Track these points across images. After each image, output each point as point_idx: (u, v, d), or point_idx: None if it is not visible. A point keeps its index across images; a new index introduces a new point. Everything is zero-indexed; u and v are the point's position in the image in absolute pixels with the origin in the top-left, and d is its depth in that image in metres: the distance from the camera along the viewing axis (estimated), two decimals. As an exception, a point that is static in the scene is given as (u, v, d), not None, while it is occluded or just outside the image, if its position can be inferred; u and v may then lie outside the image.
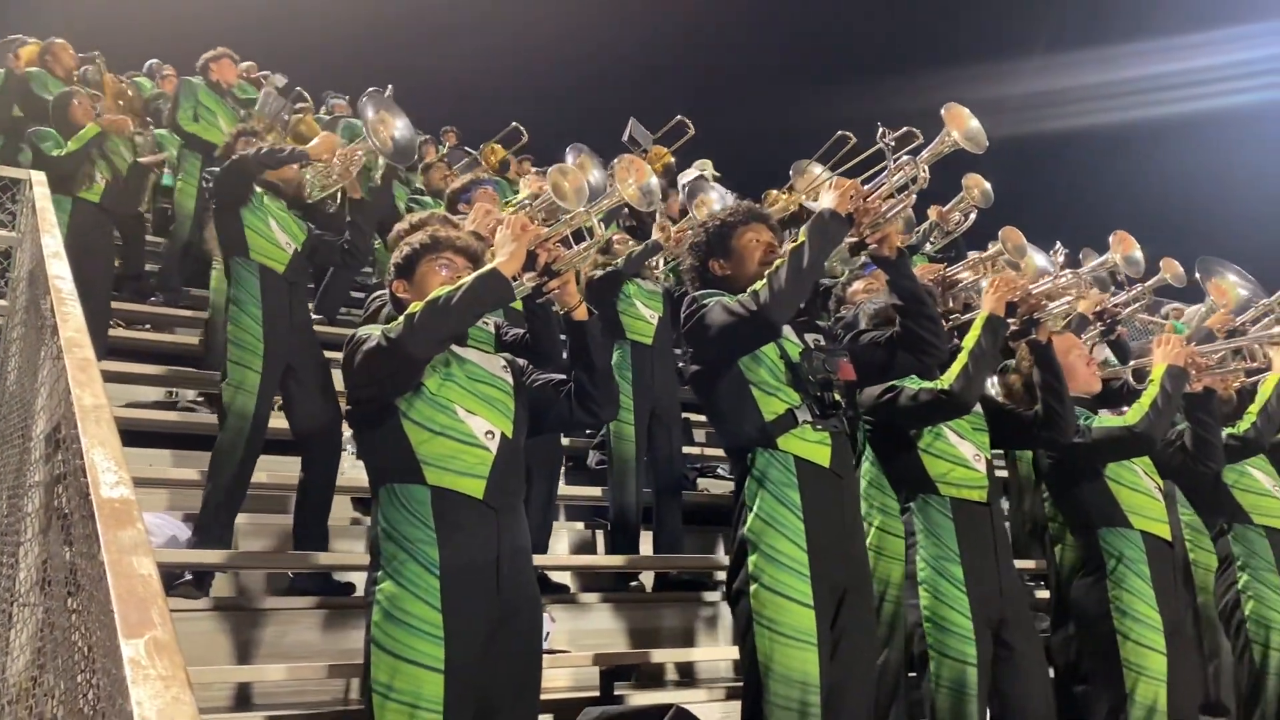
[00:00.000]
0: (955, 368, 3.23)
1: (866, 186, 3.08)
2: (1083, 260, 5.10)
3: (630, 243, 5.35)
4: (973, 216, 6.65)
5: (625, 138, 8.15)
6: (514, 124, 9.53)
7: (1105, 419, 3.61)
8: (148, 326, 6.97)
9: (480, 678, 2.44)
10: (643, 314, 5.24)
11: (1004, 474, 5.58)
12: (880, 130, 3.22)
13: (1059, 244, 4.15)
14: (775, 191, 7.66)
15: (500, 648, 2.49)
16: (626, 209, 5.28)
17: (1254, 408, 3.96)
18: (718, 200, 6.60)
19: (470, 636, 2.43)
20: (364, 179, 5.06)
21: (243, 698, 3.77)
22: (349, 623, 4.02)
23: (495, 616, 2.48)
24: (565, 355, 2.92)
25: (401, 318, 2.55)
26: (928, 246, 6.46)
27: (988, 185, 6.50)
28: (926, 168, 3.05)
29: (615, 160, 2.87)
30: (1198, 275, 5.49)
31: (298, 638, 4.04)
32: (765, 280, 2.87)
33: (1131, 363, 4.29)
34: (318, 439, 4.41)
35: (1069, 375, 3.54)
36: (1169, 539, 3.57)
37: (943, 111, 3.14)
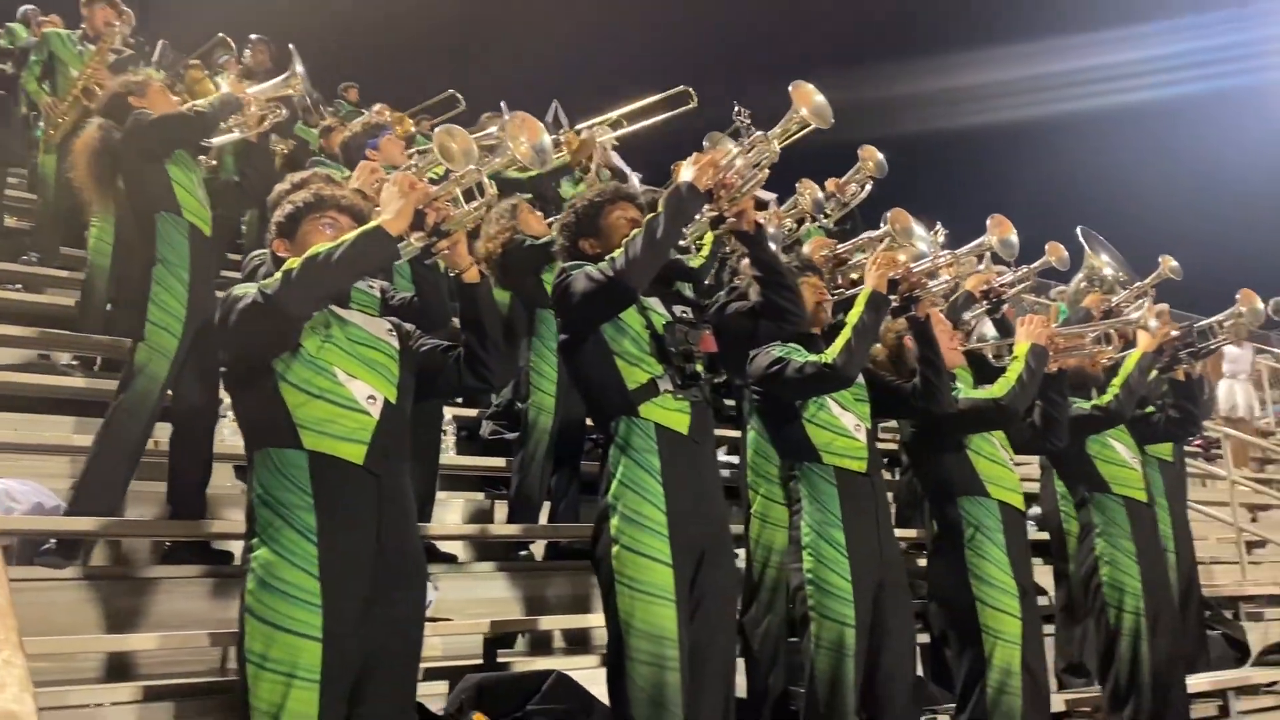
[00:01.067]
0: (839, 343, 3.34)
1: (723, 162, 3.16)
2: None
3: (539, 213, 5.31)
4: (868, 188, 6.82)
5: (548, 119, 8.09)
6: (450, 91, 8.90)
7: (972, 391, 3.75)
8: (19, 287, 6.67)
9: (360, 646, 2.40)
10: None
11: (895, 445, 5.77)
12: (736, 109, 3.33)
13: (939, 224, 4.29)
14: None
15: (381, 616, 2.45)
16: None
17: (1117, 381, 4.14)
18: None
19: (349, 605, 2.39)
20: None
21: (117, 668, 3.67)
22: (233, 591, 3.93)
23: (376, 584, 2.45)
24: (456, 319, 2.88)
25: (278, 273, 2.47)
26: (824, 219, 6.58)
27: (881, 157, 6.67)
28: (778, 144, 3.17)
29: (506, 117, 2.85)
30: (1081, 240, 5.74)
31: (178, 607, 3.94)
32: (622, 248, 2.94)
33: (1007, 340, 4.46)
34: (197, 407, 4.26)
35: (913, 355, 3.70)
36: (1021, 507, 3.74)
37: (790, 89, 3.24)
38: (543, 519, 5.21)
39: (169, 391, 4.12)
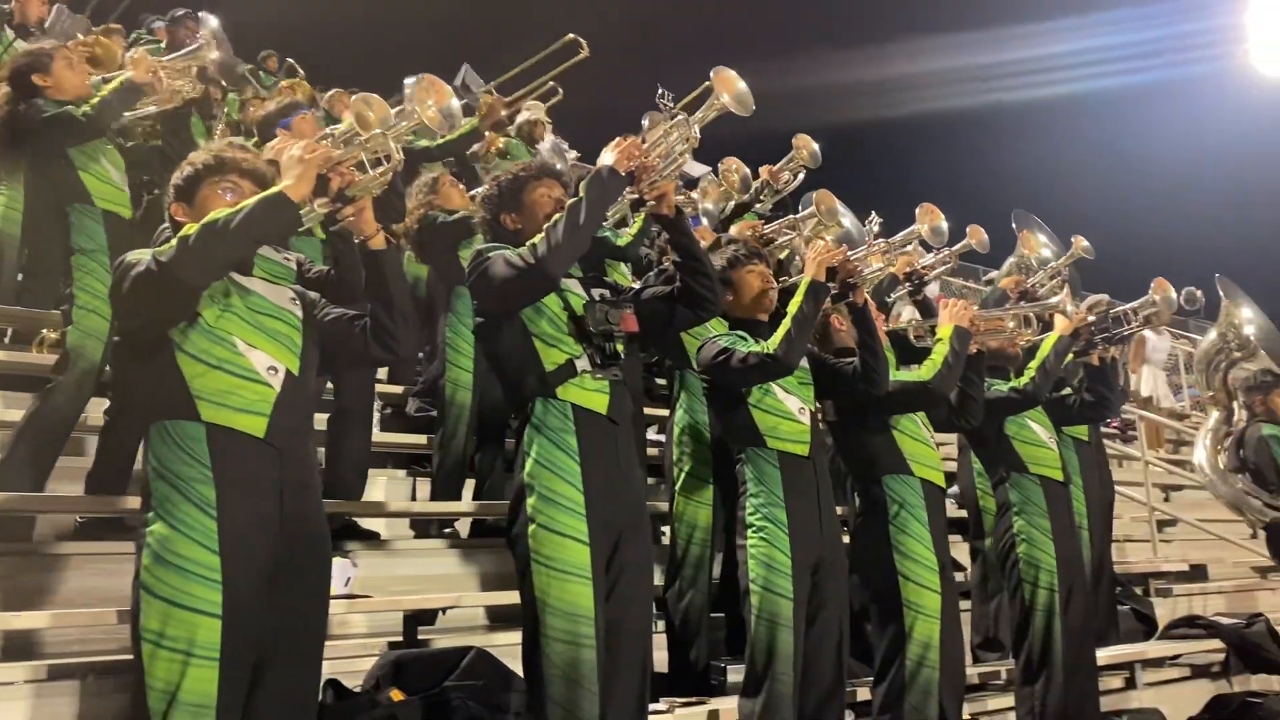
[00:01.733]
0: (780, 333, 3.40)
1: (645, 146, 3.14)
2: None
3: (461, 186, 5.25)
4: (801, 176, 6.87)
5: (458, 84, 7.93)
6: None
7: (899, 372, 3.81)
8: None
9: (261, 624, 2.35)
10: None
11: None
12: (660, 92, 3.32)
13: (874, 214, 4.34)
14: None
15: (284, 592, 2.40)
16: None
17: (1033, 364, 4.23)
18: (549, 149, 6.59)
19: (250, 581, 2.34)
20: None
21: (18, 647, 3.55)
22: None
23: (278, 560, 2.39)
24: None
25: (174, 239, 2.38)
26: (759, 204, 6.62)
27: (815, 147, 6.73)
28: (698, 128, 3.16)
29: (413, 80, 2.77)
30: (1014, 225, 5.85)
31: (88, 584, 3.83)
32: (543, 234, 2.90)
33: (928, 321, 4.53)
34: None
35: (840, 335, 3.83)
36: (942, 484, 3.82)
37: (711, 75, 3.24)
38: (468, 496, 5.18)
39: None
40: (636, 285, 4.09)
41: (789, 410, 3.52)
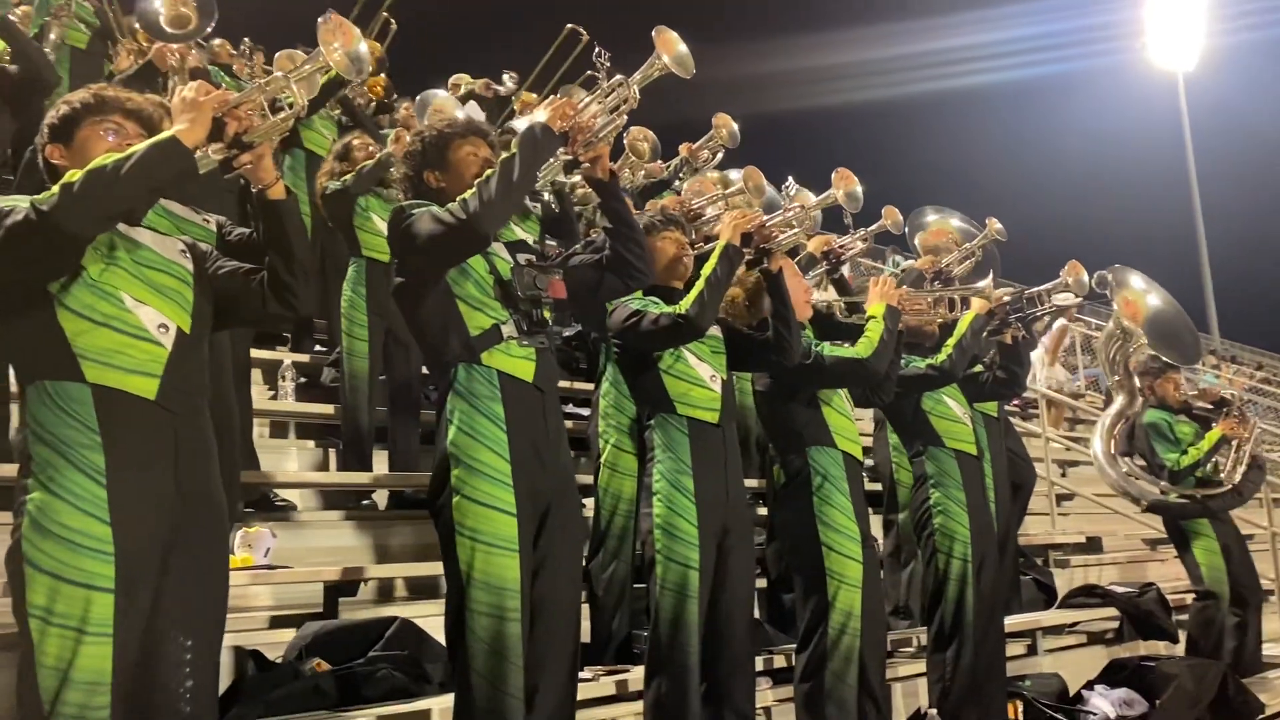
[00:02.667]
0: (691, 294, 3.35)
1: (580, 106, 3.07)
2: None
3: (372, 147, 5.16)
4: (720, 155, 6.92)
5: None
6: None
7: (836, 348, 3.86)
8: None
9: (156, 597, 2.22)
10: (379, 229, 5.08)
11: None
12: (596, 51, 3.23)
13: (791, 179, 4.36)
14: (528, 93, 7.64)
15: (181, 562, 2.27)
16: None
17: (950, 341, 4.32)
18: (458, 112, 6.49)
19: (145, 553, 2.20)
20: None
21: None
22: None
23: (173, 529, 2.26)
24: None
25: (56, 187, 2.20)
26: (677, 182, 6.65)
27: (735, 126, 6.78)
28: (637, 89, 3.09)
29: (320, 20, 2.63)
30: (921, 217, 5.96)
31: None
32: (475, 190, 2.79)
33: (846, 298, 4.61)
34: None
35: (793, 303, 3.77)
36: (861, 457, 3.90)
37: (653, 34, 3.17)
38: (381, 468, 5.11)
39: None
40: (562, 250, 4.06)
41: (700, 377, 3.49)
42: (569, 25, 6.77)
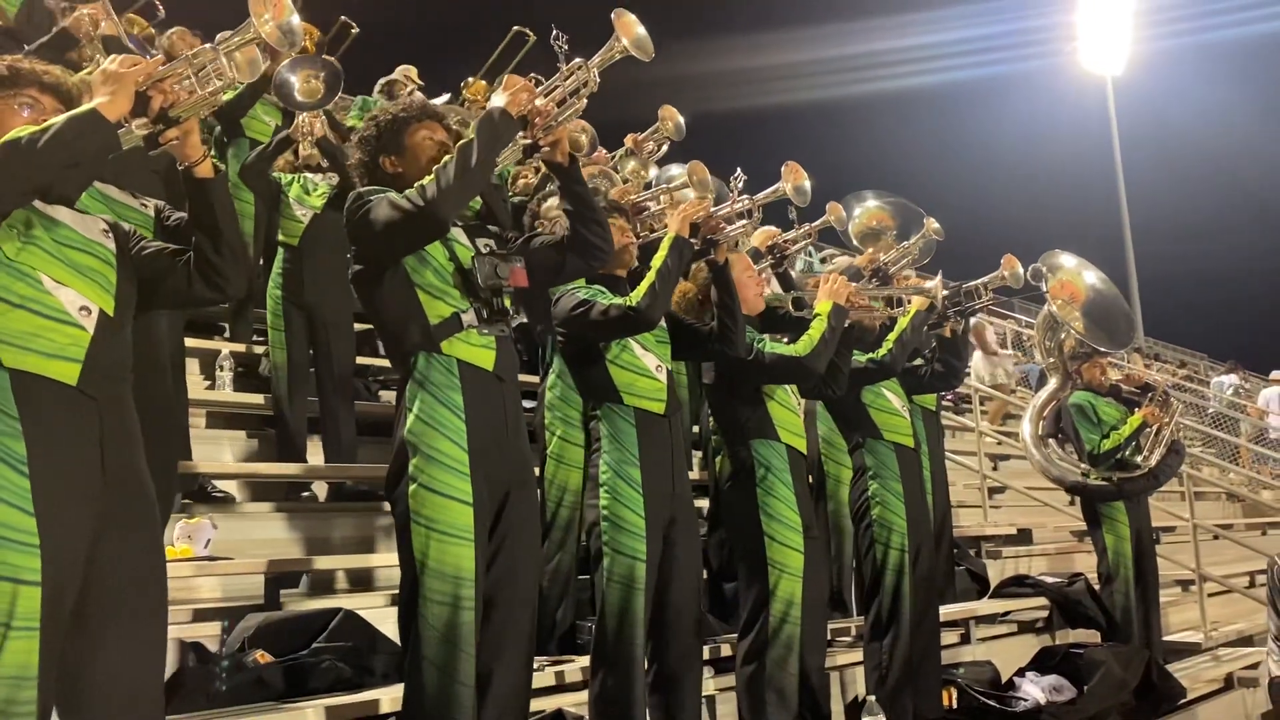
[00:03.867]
0: (642, 286, 3.35)
1: (540, 89, 3.04)
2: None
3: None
4: (665, 147, 6.94)
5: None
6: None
7: (777, 345, 3.91)
8: None
9: (85, 586, 2.15)
10: (294, 213, 5.04)
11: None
12: (554, 33, 3.20)
13: (739, 170, 4.38)
14: (475, 79, 7.57)
15: (109, 552, 2.19)
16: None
17: (892, 336, 4.41)
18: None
19: (71, 544, 2.12)
20: None
21: None
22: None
23: (101, 518, 2.19)
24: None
25: None
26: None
27: (681, 119, 6.80)
28: (597, 72, 3.05)
29: None
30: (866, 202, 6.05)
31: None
32: (433, 175, 2.77)
33: (792, 293, 4.66)
34: None
35: (743, 297, 3.82)
36: (804, 451, 3.96)
37: (613, 17, 3.12)
38: (316, 458, 5.06)
39: None
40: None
41: (646, 367, 3.49)
42: (515, 27, 6.76)
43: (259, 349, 5.67)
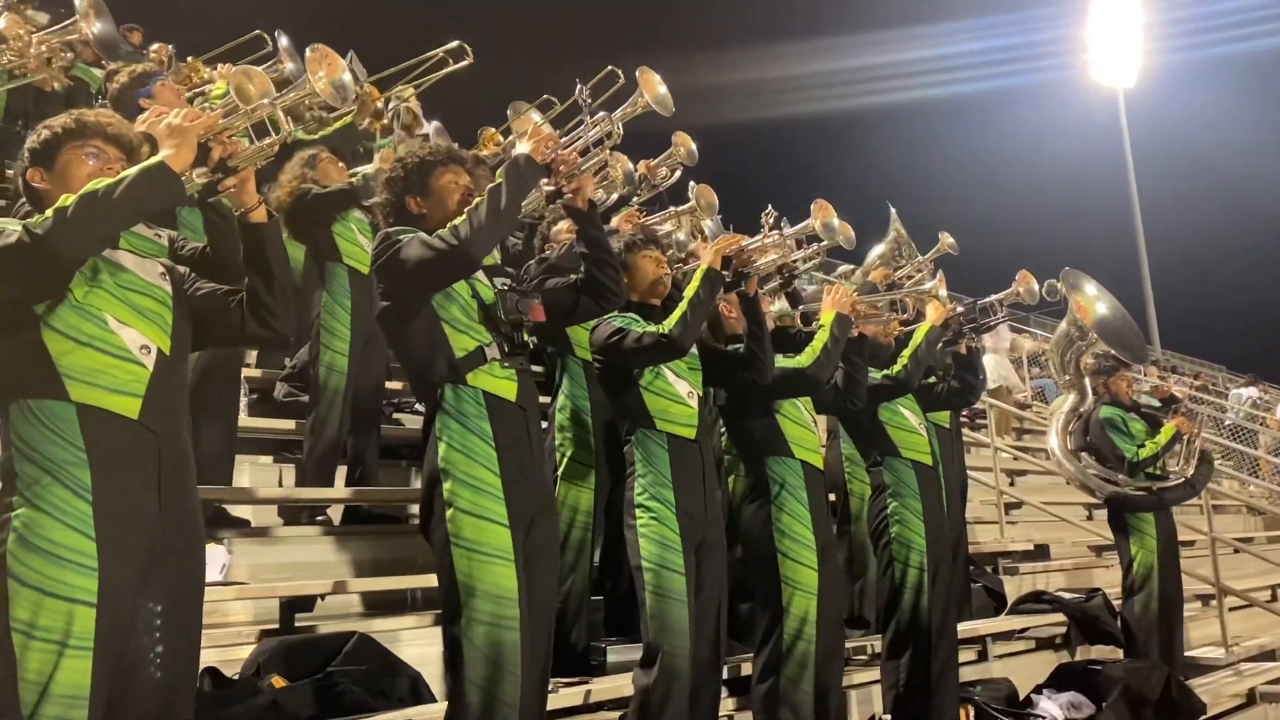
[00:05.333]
0: (675, 315, 3.48)
1: (564, 139, 3.18)
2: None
3: (341, 165, 5.13)
4: (678, 173, 6.97)
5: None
6: (257, 31, 7.57)
7: (781, 360, 3.93)
8: None
9: (135, 611, 2.27)
10: (360, 241, 5.05)
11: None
12: (578, 86, 3.33)
13: (770, 206, 4.41)
14: (491, 129, 7.63)
15: (159, 579, 2.32)
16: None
17: (906, 352, 4.41)
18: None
19: (127, 568, 2.26)
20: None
21: None
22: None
23: (154, 546, 2.31)
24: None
25: (50, 211, 2.25)
26: (636, 199, 6.68)
27: (693, 145, 6.84)
28: (620, 125, 3.21)
29: (307, 50, 2.69)
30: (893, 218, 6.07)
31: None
32: (465, 217, 2.90)
33: (800, 308, 4.67)
34: None
35: (729, 323, 3.95)
36: (821, 467, 3.97)
37: (636, 74, 3.31)
38: (339, 483, 5.06)
39: None
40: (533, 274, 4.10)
41: (678, 394, 3.60)
42: (456, 41, 6.82)
43: (249, 371, 5.66)
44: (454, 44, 6.60)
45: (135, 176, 2.29)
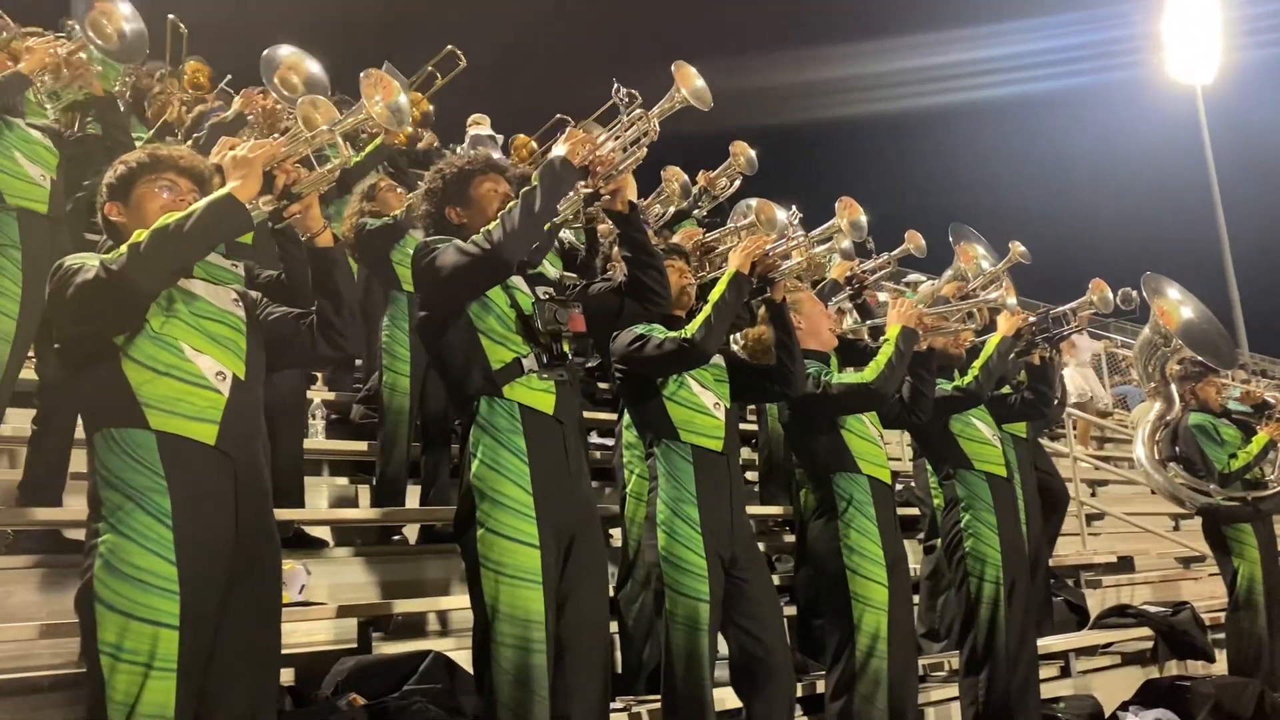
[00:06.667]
0: (699, 319, 3.37)
1: (600, 140, 3.13)
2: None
3: (400, 190, 5.23)
4: (738, 183, 6.94)
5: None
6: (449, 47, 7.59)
7: (845, 374, 3.89)
8: None
9: (216, 632, 2.33)
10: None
11: (753, 425, 5.91)
12: (615, 86, 3.28)
13: (794, 206, 4.36)
14: (524, 136, 7.70)
15: (239, 600, 2.38)
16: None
17: (977, 363, 4.34)
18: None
19: (208, 590, 2.32)
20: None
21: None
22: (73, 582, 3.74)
23: (233, 568, 2.37)
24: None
25: (124, 247, 2.33)
26: (697, 211, 6.68)
27: (752, 153, 6.82)
28: (657, 122, 3.13)
29: (362, 75, 2.73)
30: (950, 239, 5.98)
31: (26, 599, 3.73)
32: (498, 220, 2.88)
33: (869, 322, 4.62)
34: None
35: (813, 332, 3.85)
36: (889, 482, 3.90)
37: (672, 69, 3.22)
38: (413, 502, 5.15)
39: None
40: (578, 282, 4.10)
41: (704, 404, 3.48)
42: (449, 46, 6.88)
43: (326, 394, 5.78)
44: (445, 51, 6.66)
45: (204, 209, 2.35)
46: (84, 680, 2.31)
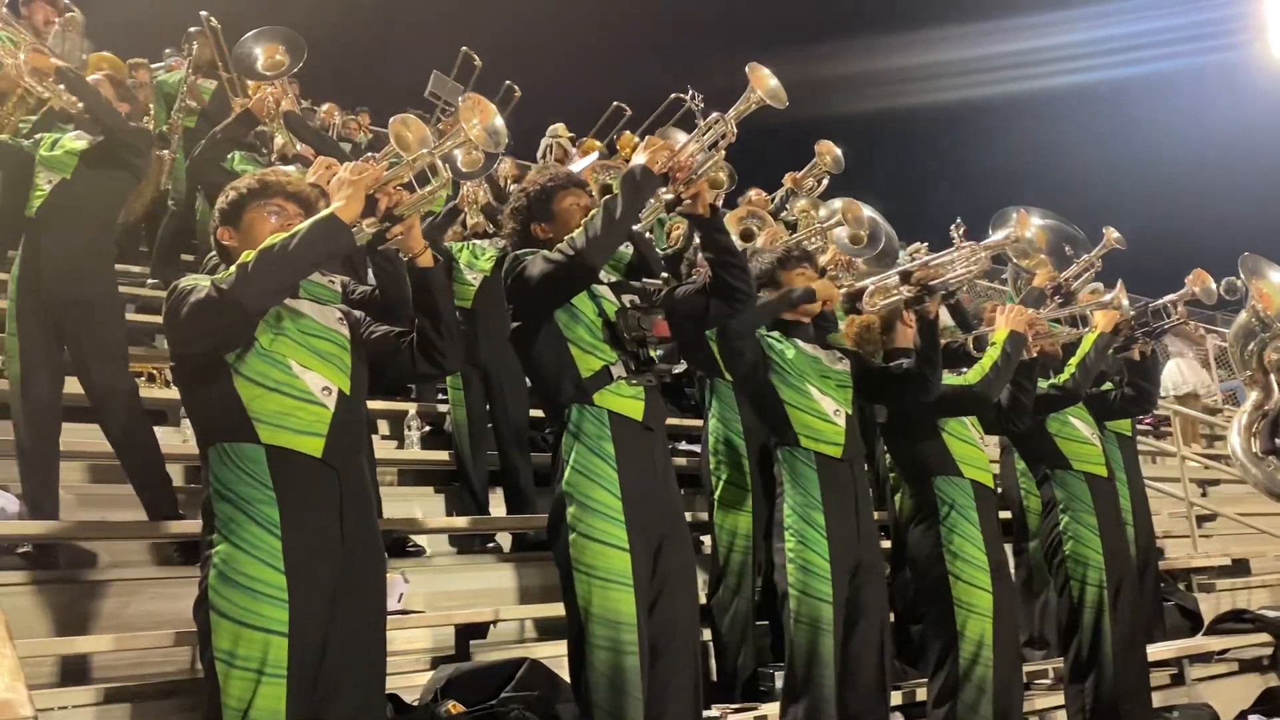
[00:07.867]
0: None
1: (679, 145, 3.16)
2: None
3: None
4: (825, 182, 6.88)
5: (426, 93, 7.96)
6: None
7: (947, 377, 3.81)
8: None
9: (324, 640, 2.40)
10: (465, 278, 5.24)
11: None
12: (690, 92, 3.30)
13: (959, 219, 4.26)
14: (593, 140, 7.81)
15: (345, 608, 2.44)
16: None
17: (1074, 360, 4.22)
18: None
19: (315, 598, 2.38)
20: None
21: (74, 672, 3.60)
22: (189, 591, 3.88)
23: (339, 577, 2.44)
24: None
25: (233, 268, 2.42)
26: (783, 214, 6.63)
27: (839, 152, 6.75)
28: (734, 124, 3.14)
29: (460, 99, 2.80)
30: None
31: (142, 608, 3.88)
32: (581, 228, 2.96)
33: (974, 333, 4.50)
34: (110, 405, 4.13)
35: (903, 335, 3.81)
36: (992, 485, 3.83)
37: (747, 70, 3.23)
38: (499, 510, 5.22)
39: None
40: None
41: (824, 411, 3.52)
42: (463, 48, 7.01)
43: (442, 407, 5.90)
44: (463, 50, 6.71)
45: (308, 230, 2.42)
46: (202, 686, 2.40)
